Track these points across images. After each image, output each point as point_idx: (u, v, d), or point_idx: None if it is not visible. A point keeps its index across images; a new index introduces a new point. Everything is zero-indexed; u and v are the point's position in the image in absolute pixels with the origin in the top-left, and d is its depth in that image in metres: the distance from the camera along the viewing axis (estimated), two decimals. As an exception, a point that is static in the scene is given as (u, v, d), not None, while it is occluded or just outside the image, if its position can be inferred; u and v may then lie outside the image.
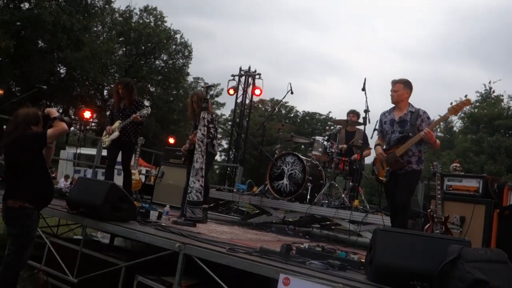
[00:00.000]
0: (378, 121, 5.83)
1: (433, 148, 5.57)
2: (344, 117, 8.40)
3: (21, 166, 4.16)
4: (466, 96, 6.42)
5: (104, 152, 7.50)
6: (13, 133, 4.17)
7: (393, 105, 5.68)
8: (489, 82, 37.82)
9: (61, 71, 36.21)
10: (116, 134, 6.83)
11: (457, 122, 42.44)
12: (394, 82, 5.54)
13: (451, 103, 6.23)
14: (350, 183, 7.99)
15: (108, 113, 7.59)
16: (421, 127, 5.30)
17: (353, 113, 8.40)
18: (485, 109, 36.08)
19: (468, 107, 35.47)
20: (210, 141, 6.34)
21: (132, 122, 6.80)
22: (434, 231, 5.52)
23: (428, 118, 5.42)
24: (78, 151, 14.60)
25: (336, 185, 7.88)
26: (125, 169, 7.08)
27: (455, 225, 5.83)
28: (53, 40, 30.90)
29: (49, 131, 4.18)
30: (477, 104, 37.35)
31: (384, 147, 5.67)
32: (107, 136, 6.99)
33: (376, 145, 5.80)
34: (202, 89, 6.48)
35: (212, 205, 8.44)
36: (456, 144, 37.20)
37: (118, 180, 7.24)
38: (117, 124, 6.90)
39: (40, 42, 32.14)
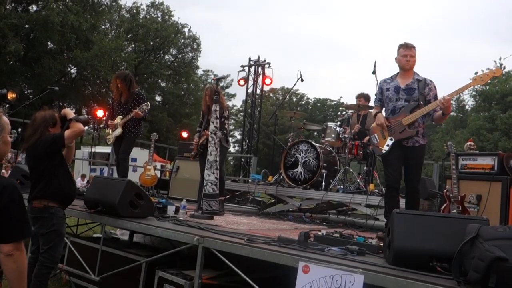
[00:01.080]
0: (378, 89, 5.47)
1: (440, 121, 5.19)
2: (354, 101, 8.37)
3: (43, 168, 4.28)
4: (501, 65, 5.78)
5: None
6: (32, 137, 4.31)
7: (392, 74, 5.37)
8: (500, 59, 37.30)
9: (72, 71, 36.52)
10: (119, 130, 6.83)
11: (469, 101, 42.14)
12: (410, 46, 5.19)
13: (476, 73, 5.91)
14: (365, 168, 7.97)
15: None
16: (428, 96, 5.06)
17: (360, 97, 8.36)
18: (497, 85, 35.68)
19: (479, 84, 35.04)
20: (224, 136, 6.40)
21: (134, 117, 6.78)
22: (451, 211, 5.50)
23: (435, 87, 5.15)
24: (93, 150, 14.70)
25: (351, 170, 7.88)
26: (122, 159, 6.94)
27: (471, 204, 5.80)
28: (62, 41, 31.09)
29: (66, 133, 4.30)
30: (489, 81, 36.92)
31: (385, 115, 5.29)
32: (110, 132, 6.99)
33: (376, 113, 5.39)
34: (212, 81, 6.51)
35: (228, 196, 8.48)
36: (469, 122, 36.87)
37: (133, 176, 7.29)
38: (118, 120, 6.89)
39: (49, 43, 32.35)
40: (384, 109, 5.39)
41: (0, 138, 2.60)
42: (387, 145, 5.14)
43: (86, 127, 4.77)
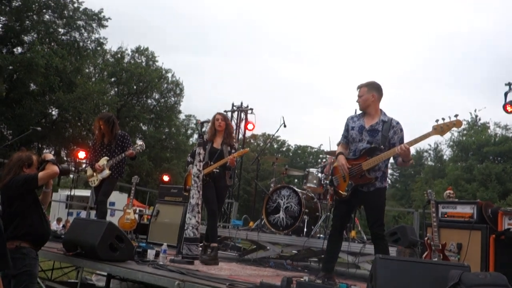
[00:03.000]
0: (345, 125, 5.30)
1: (404, 165, 4.95)
2: (336, 148, 8.44)
3: (15, 208, 4.27)
4: (456, 116, 5.53)
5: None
6: (7, 176, 4.34)
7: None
8: (475, 110, 38.57)
9: (53, 112, 36.33)
10: (107, 172, 6.70)
11: (446, 151, 43.03)
12: (359, 87, 5.10)
13: (437, 121, 5.77)
14: (346, 215, 7.97)
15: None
16: (393, 140, 4.85)
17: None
18: (473, 136, 36.61)
19: (456, 133, 35.77)
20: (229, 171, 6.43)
21: (123, 158, 6.73)
22: (432, 259, 5.51)
23: (401, 130, 4.96)
24: (72, 193, 14.47)
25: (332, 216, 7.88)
26: (100, 202, 6.75)
27: (452, 253, 5.83)
28: (45, 83, 31.03)
29: (40, 173, 4.36)
30: (465, 132, 37.95)
31: (349, 155, 5.13)
32: (95, 174, 6.83)
33: (338, 154, 5.19)
34: (196, 125, 6.54)
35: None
36: (448, 172, 37.45)
37: (111, 220, 7.17)
38: (104, 161, 6.76)
39: (32, 85, 32.29)
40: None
41: None
42: (347, 190, 4.97)
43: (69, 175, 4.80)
